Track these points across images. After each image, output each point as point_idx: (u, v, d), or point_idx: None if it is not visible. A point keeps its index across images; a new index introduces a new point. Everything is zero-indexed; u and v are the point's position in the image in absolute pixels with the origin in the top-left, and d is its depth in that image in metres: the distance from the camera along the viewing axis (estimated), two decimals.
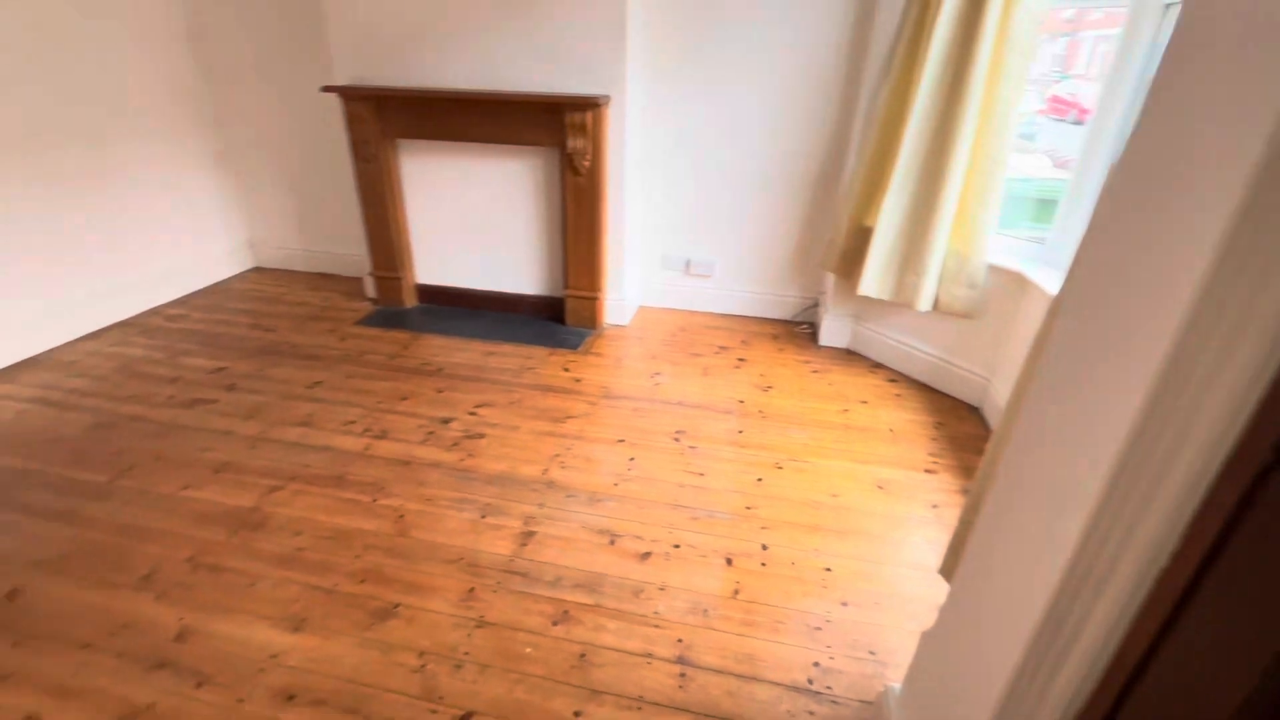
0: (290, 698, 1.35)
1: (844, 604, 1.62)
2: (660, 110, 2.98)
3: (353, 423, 2.33)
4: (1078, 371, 0.71)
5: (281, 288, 3.61)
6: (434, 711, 1.33)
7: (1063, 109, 3.49)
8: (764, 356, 2.91)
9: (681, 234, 3.25)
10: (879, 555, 1.78)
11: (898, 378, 2.75)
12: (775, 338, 3.11)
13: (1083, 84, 3.32)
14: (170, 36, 3.24)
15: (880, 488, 2.07)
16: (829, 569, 1.73)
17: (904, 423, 2.43)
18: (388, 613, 1.56)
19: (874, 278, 2.52)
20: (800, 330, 3.19)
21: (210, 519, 1.85)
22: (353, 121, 2.96)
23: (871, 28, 2.59)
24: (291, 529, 1.82)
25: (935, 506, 1.99)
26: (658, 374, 2.74)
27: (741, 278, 3.28)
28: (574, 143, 2.73)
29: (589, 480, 2.06)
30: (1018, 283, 2.30)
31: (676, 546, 1.79)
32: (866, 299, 2.74)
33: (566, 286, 3.11)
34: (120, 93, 3.02)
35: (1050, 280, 2.15)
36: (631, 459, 2.17)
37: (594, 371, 2.75)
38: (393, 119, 2.94)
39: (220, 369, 2.69)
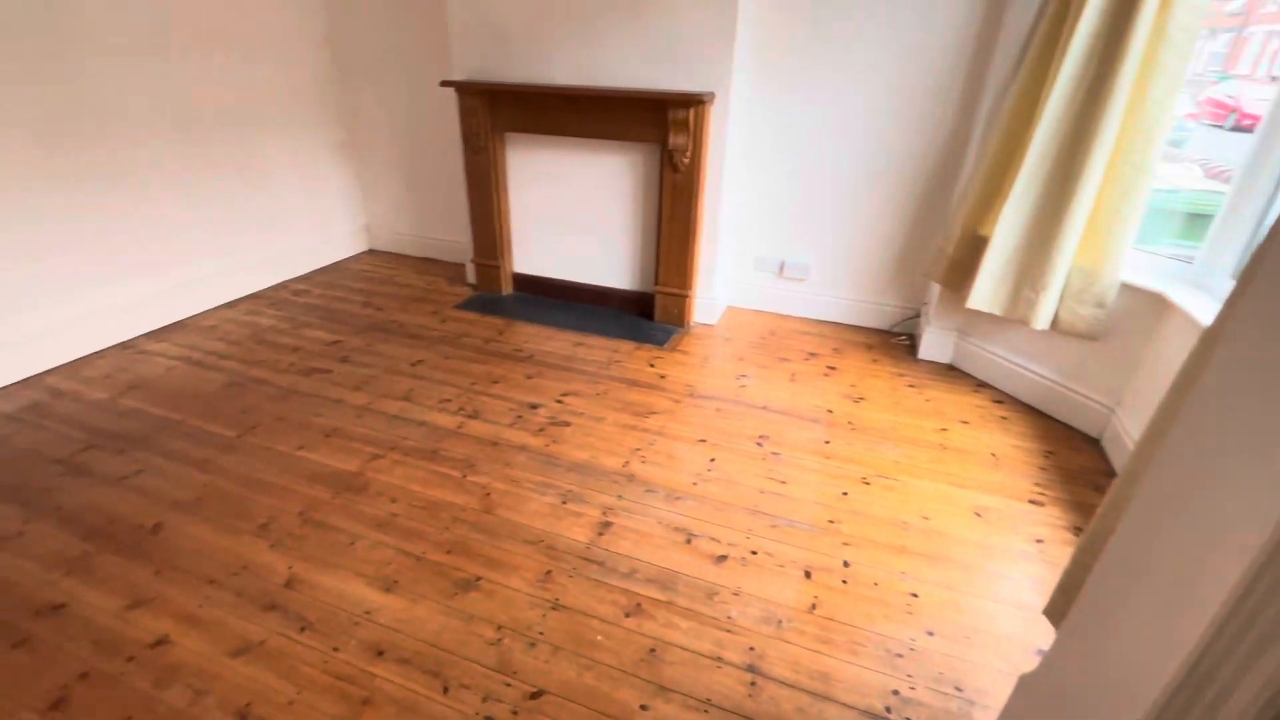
0: (379, 653, 1.44)
1: (930, 633, 1.53)
2: (763, 108, 2.93)
3: (448, 401, 2.46)
4: (1247, 413, 0.62)
5: (391, 270, 3.86)
6: (508, 685, 1.38)
7: (1220, 113, 3.12)
8: (856, 366, 2.80)
9: (777, 236, 3.18)
10: (972, 586, 1.67)
11: (1004, 399, 2.56)
12: (869, 348, 2.98)
13: (1247, 85, 2.95)
14: (310, 41, 3.53)
15: (977, 515, 1.93)
16: (915, 595, 1.64)
17: (1008, 448, 2.26)
18: (470, 584, 1.63)
19: (986, 290, 2.36)
20: (898, 341, 3.04)
21: (319, 479, 2.01)
22: (466, 115, 3.11)
23: (1000, 25, 2.42)
24: (388, 495, 1.94)
25: (1040, 541, 1.84)
26: (744, 376, 2.70)
27: (837, 283, 3.17)
28: (675, 139, 2.74)
29: (669, 477, 2.06)
30: (1156, 305, 2.08)
31: (754, 553, 1.76)
32: (975, 313, 2.57)
33: (657, 283, 3.12)
34: (266, 90, 3.33)
35: (1200, 305, 1.92)
36: (712, 460, 2.15)
37: (679, 369, 2.75)
38: (503, 113, 3.06)
39: (335, 342, 2.92)
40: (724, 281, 3.28)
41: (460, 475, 2.04)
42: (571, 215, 3.26)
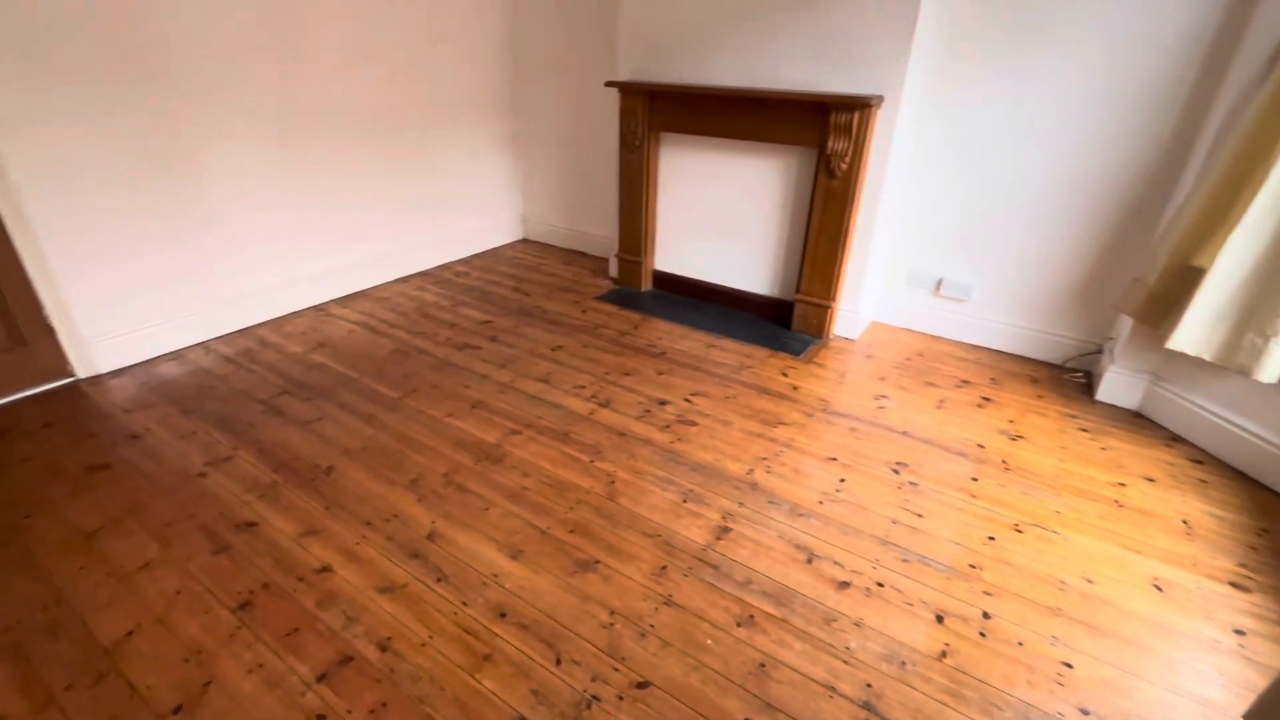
0: (502, 614, 1.54)
1: (1084, 712, 1.34)
2: (936, 113, 2.72)
3: (582, 387, 2.56)
4: None
5: (541, 259, 4.09)
6: (615, 669, 1.41)
7: None
8: (1017, 400, 2.53)
9: (937, 250, 2.95)
10: (1143, 669, 1.44)
11: (1205, 459, 2.18)
12: (1035, 381, 2.67)
13: None
14: (495, 41, 3.83)
15: (1157, 588, 1.67)
16: (1069, 665, 1.45)
17: (1206, 516, 1.92)
18: (588, 566, 1.69)
19: (1197, 331, 2.02)
20: (1071, 379, 2.70)
21: (463, 445, 2.18)
22: (625, 114, 3.21)
23: (1250, 17, 2.05)
24: (521, 470, 2.06)
25: (1240, 633, 1.54)
26: (884, 397, 2.54)
27: (1003, 307, 2.87)
28: (834, 144, 2.63)
29: (793, 491, 1.99)
30: None
31: (880, 585, 1.65)
32: (1176, 355, 2.21)
33: (798, 291, 3.03)
34: (452, 87, 3.66)
35: None
36: (842, 480, 2.05)
37: (814, 382, 2.65)
38: (660, 113, 3.12)
39: (487, 321, 3.15)
40: (870, 295, 3.11)
41: (588, 460, 2.11)
42: (717, 216, 3.26)
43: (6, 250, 2.25)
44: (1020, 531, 1.85)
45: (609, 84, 3.15)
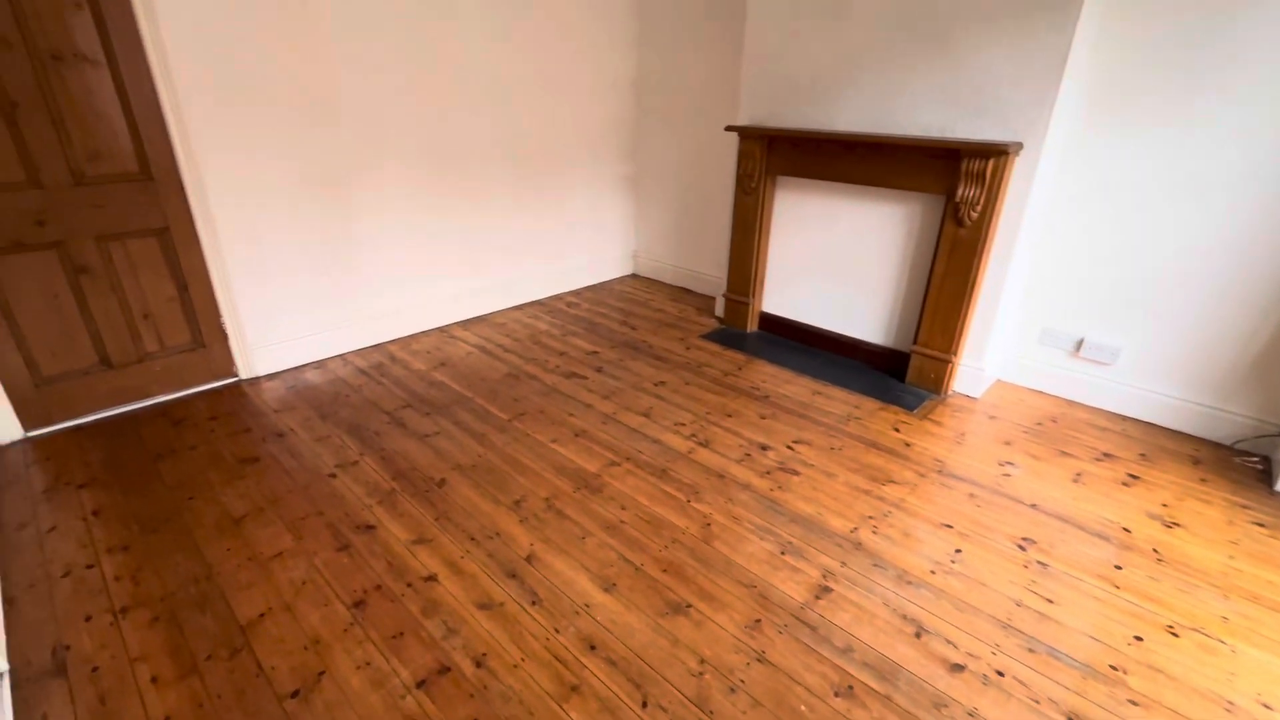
0: (592, 647, 1.54)
1: None
2: (1083, 160, 2.53)
3: (683, 425, 2.55)
4: None
5: (649, 294, 4.17)
6: None
7: None
8: (1173, 482, 2.23)
9: (1078, 307, 2.70)
10: None
11: None
12: (1196, 463, 2.35)
13: None
14: (621, 84, 4.03)
15: None
16: None
17: None
18: (680, 608, 1.65)
19: None
20: (1244, 463, 2.35)
21: (565, 472, 2.23)
22: (743, 157, 3.25)
23: None
24: (619, 502, 2.07)
25: None
26: (1009, 463, 2.33)
27: (1157, 374, 2.57)
28: (965, 191, 2.51)
29: (902, 556, 1.86)
30: None
31: (1000, 674, 1.49)
32: None
33: (915, 342, 2.88)
34: (578, 127, 3.88)
35: None
36: (958, 551, 1.89)
37: (928, 440, 2.48)
38: (778, 156, 3.13)
39: (594, 352, 3.24)
40: (997, 351, 2.89)
41: (685, 499, 2.09)
42: (830, 261, 3.19)
43: (200, 263, 2.63)
44: (1176, 635, 1.61)
45: (729, 128, 3.20)
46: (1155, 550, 1.90)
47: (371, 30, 2.81)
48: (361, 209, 3.04)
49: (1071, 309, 2.72)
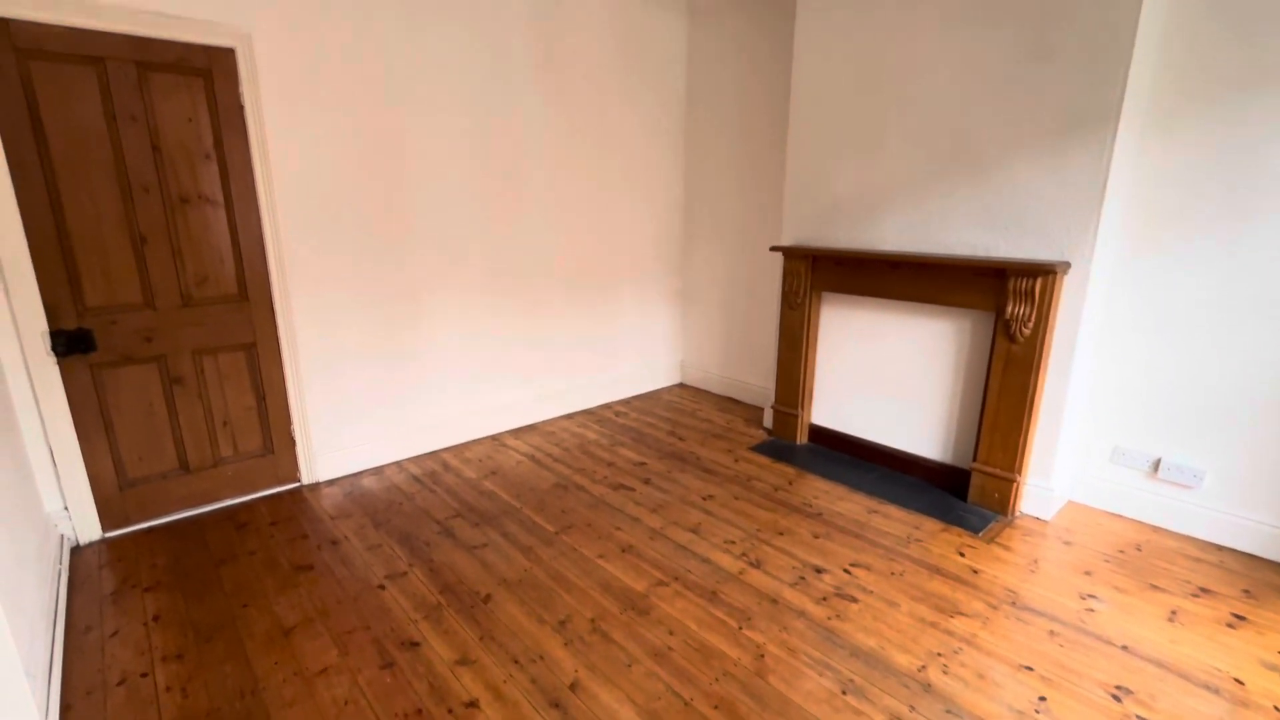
0: None
1: None
2: (1134, 278, 2.52)
3: (732, 543, 2.48)
4: None
5: (697, 404, 4.21)
6: None
7: None
8: None
9: (1151, 425, 2.57)
10: None
11: None
12: None
13: None
14: (667, 206, 4.32)
15: None
16: None
17: None
18: None
19: None
20: None
21: (611, 590, 2.17)
22: (788, 275, 3.37)
23: None
24: (667, 626, 1.99)
25: None
26: (1092, 597, 2.14)
27: (1251, 499, 2.38)
28: (1014, 308, 2.51)
29: (979, 703, 1.69)
30: None
31: None
32: None
33: (975, 459, 2.77)
34: (632, 244, 4.14)
35: None
36: (1041, 699, 1.70)
37: (998, 566, 2.32)
38: (823, 273, 3.23)
39: (641, 463, 3.24)
40: (1066, 470, 2.75)
41: (736, 626, 1.99)
42: (880, 375, 3.17)
43: (279, 375, 2.83)
44: None
45: (774, 249, 3.35)
46: (1278, 709, 1.67)
47: (446, 165, 3.16)
48: (425, 324, 3.26)
49: (1144, 427, 2.59)
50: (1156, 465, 2.57)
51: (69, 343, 2.31)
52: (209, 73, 2.45)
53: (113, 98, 2.29)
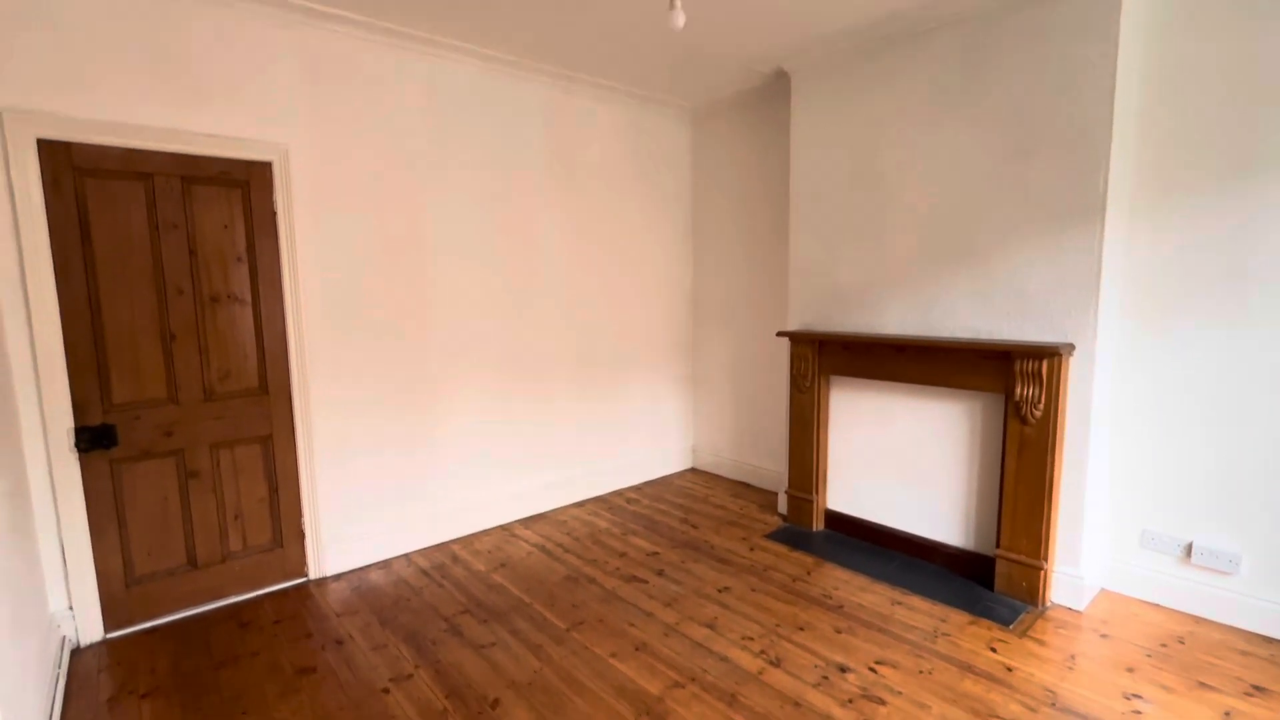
0: None
1: None
2: (1141, 357, 2.53)
3: (751, 639, 2.37)
4: None
5: (709, 490, 4.14)
6: None
7: None
8: None
9: (1179, 508, 2.51)
10: None
11: None
12: None
13: None
14: (675, 294, 4.45)
15: None
16: None
17: None
18: None
19: None
20: None
21: (625, 693, 2.07)
22: (795, 359, 3.41)
23: None
24: None
25: None
26: (1137, 696, 2.01)
27: None
28: (1023, 391, 2.52)
29: None
30: None
31: None
32: None
33: (998, 545, 2.69)
34: (640, 331, 4.23)
35: None
36: None
37: (1033, 663, 2.20)
38: (830, 357, 3.28)
39: (654, 553, 3.16)
40: (1095, 556, 2.65)
41: None
42: (894, 458, 3.14)
43: (293, 467, 2.85)
44: None
45: (780, 334, 3.43)
46: None
47: (462, 260, 3.31)
48: (438, 413, 3.30)
49: (1170, 510, 2.52)
50: (1188, 550, 2.48)
51: (92, 439, 2.37)
52: (247, 184, 2.65)
53: (157, 208, 2.46)
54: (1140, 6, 2.39)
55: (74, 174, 2.29)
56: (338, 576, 2.97)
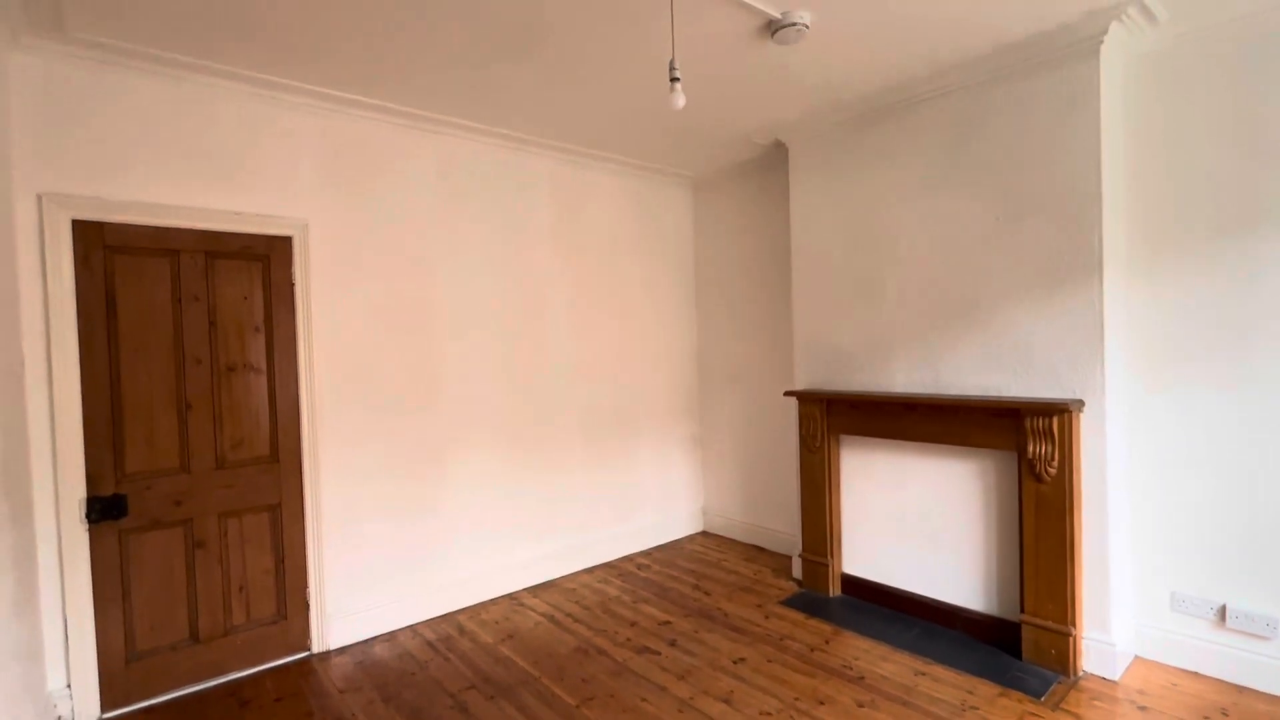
0: None
1: None
2: (1155, 413, 2.52)
3: (769, 715, 2.27)
4: None
5: (721, 554, 4.05)
6: None
7: None
8: None
9: (1205, 567, 2.43)
10: None
11: None
12: None
13: None
14: (681, 358, 4.49)
15: None
16: None
17: None
18: None
19: None
20: None
21: None
22: (804, 420, 3.41)
23: None
24: None
25: None
26: None
27: None
28: (1035, 448, 2.50)
29: None
30: None
31: None
32: None
33: (1023, 610, 2.59)
34: (646, 395, 4.25)
35: None
36: None
37: None
38: (838, 417, 3.27)
39: (666, 622, 3.07)
40: (1125, 621, 2.54)
41: None
42: (908, 519, 3.08)
43: (300, 537, 2.82)
44: None
45: (788, 394, 3.43)
46: None
47: (471, 328, 3.38)
48: (445, 482, 3.29)
49: (1200, 570, 2.44)
50: (1222, 613, 2.39)
51: (103, 509, 2.37)
52: (268, 257, 2.75)
53: (181, 282, 2.56)
54: (1120, 74, 2.51)
55: (104, 251, 2.40)
56: (341, 650, 2.89)
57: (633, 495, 4.17)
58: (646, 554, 4.11)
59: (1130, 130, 2.54)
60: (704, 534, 4.50)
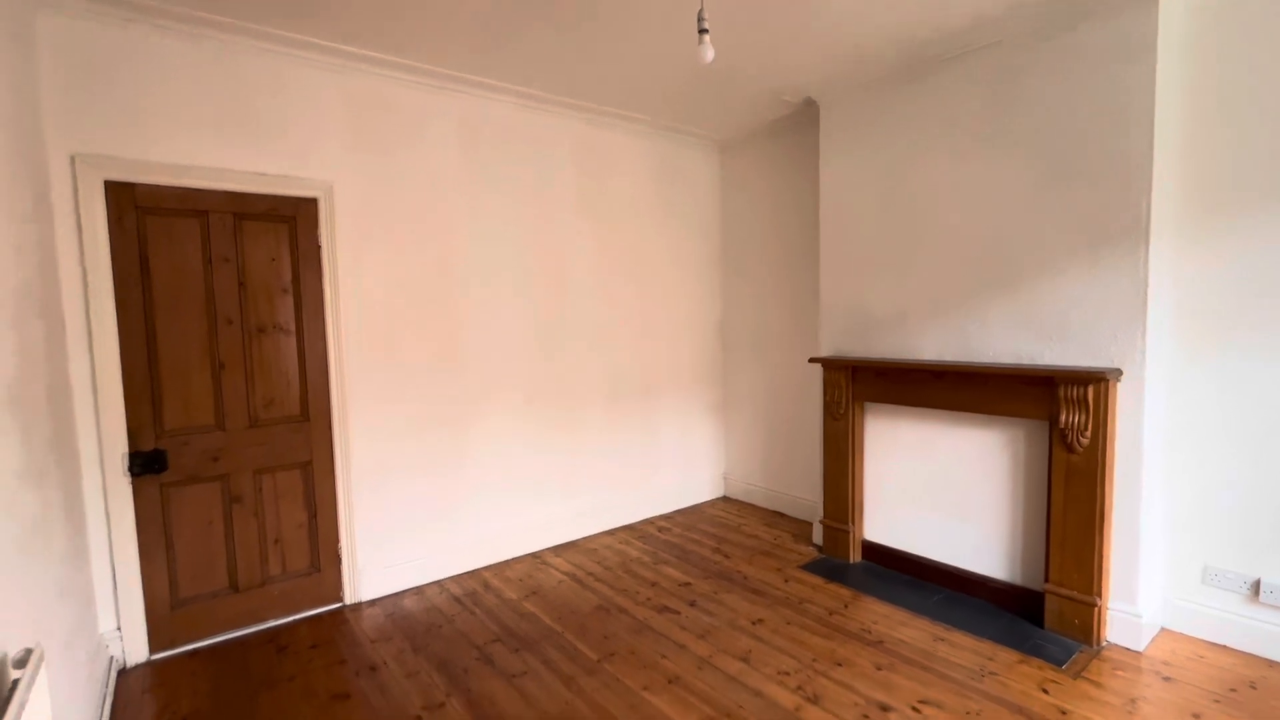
0: None
1: None
2: (1197, 384, 2.43)
3: (787, 674, 2.31)
4: None
5: (742, 519, 4.08)
6: None
7: None
8: None
9: (1242, 541, 2.37)
10: None
11: None
12: None
13: None
14: (707, 325, 4.46)
15: None
16: None
17: None
18: None
19: None
20: None
21: None
22: (828, 386, 3.37)
23: None
24: None
25: None
26: None
27: None
28: (1068, 418, 2.44)
29: None
30: None
31: None
32: None
33: (1047, 580, 2.57)
34: (672, 362, 4.23)
35: None
36: None
37: (1090, 706, 2.08)
38: (864, 385, 3.22)
39: (686, 584, 3.11)
40: (1153, 593, 2.51)
41: None
42: (933, 487, 3.05)
43: (331, 492, 2.91)
44: None
45: (812, 360, 3.39)
46: None
47: (496, 288, 3.38)
48: (471, 440, 3.34)
49: (1235, 544, 2.39)
50: (1256, 588, 2.34)
51: (144, 463, 2.46)
52: (294, 219, 2.77)
53: (211, 243, 2.59)
54: (1179, 25, 2.35)
55: (136, 212, 2.44)
56: (372, 602, 3.00)
57: (655, 459, 4.20)
58: (667, 517, 4.15)
59: (1186, 87, 2.39)
60: (725, 499, 4.53)
